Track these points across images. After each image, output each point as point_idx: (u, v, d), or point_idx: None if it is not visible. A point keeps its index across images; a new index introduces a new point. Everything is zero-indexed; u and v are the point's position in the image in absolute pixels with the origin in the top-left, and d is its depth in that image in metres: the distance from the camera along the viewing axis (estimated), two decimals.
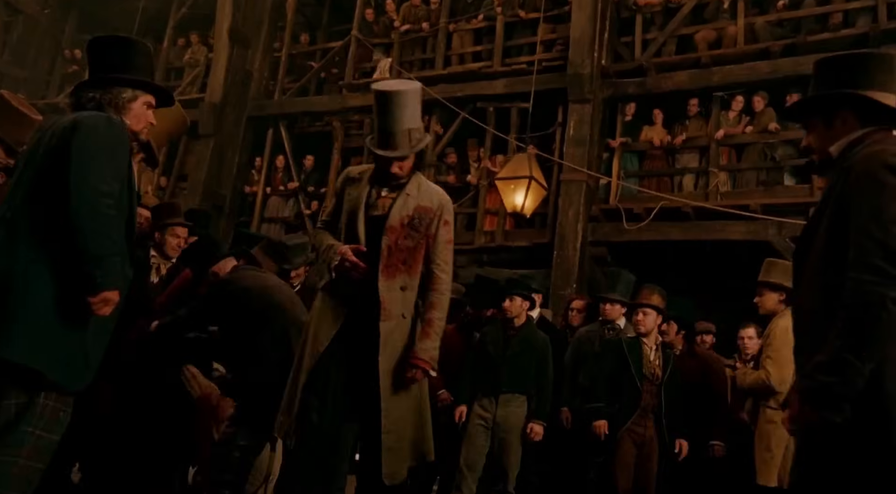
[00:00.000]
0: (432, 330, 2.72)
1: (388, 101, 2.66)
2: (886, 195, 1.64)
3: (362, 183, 2.79)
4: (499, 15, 8.32)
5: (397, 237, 2.68)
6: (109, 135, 2.13)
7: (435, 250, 2.76)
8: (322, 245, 2.80)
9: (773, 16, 7.22)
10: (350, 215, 2.76)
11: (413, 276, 2.73)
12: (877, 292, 1.58)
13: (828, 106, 1.90)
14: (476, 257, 7.90)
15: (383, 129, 2.67)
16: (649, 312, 4.25)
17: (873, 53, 1.98)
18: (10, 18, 11.35)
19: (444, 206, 2.80)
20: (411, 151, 2.69)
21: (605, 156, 7.66)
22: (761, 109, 7.05)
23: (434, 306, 2.75)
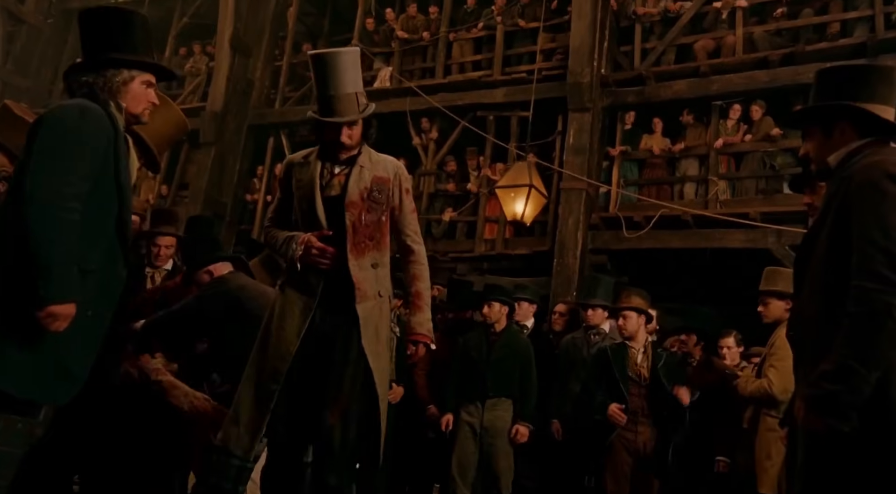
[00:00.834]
0: (422, 302, 2.65)
1: (327, 64, 2.52)
2: (888, 204, 1.67)
3: (311, 165, 2.63)
4: (499, 24, 8.36)
5: (360, 212, 2.55)
6: (78, 127, 1.94)
7: (402, 221, 2.67)
8: (278, 240, 2.62)
9: (771, 25, 7.26)
10: (305, 200, 2.59)
11: (383, 251, 2.62)
12: (882, 299, 1.60)
13: (827, 116, 1.92)
14: (476, 265, 7.91)
15: (326, 95, 2.52)
16: (630, 315, 4.24)
17: (874, 66, 2.01)
18: (13, 29, 11.41)
19: (400, 174, 2.68)
20: (360, 115, 2.55)
21: (605, 164, 7.67)
22: (759, 118, 7.07)
23: (418, 277, 2.67)
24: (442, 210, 8.21)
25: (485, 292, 4.82)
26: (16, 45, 11.39)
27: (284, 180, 2.70)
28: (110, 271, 2.05)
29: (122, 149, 2.07)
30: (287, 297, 2.57)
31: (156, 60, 2.25)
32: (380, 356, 2.54)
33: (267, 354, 2.51)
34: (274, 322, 2.55)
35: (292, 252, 2.52)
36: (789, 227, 6.22)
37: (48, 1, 11.83)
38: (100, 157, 1.97)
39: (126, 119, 2.15)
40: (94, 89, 2.05)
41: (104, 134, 1.99)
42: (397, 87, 8.62)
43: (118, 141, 2.05)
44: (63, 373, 1.95)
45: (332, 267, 2.51)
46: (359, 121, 2.56)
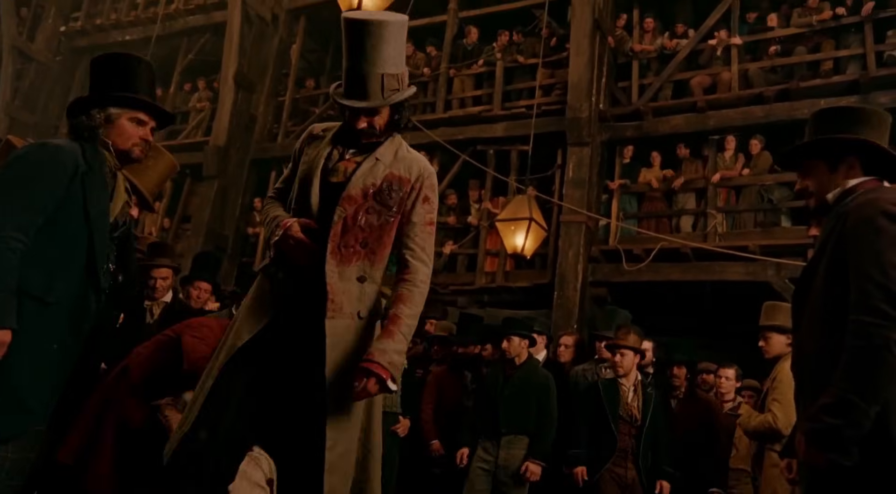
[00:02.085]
0: (397, 329, 2.05)
1: (360, 33, 2.02)
2: (885, 240, 1.69)
3: (324, 142, 2.20)
4: (498, 60, 8.52)
5: (357, 210, 2.08)
6: (34, 162, 2.01)
7: (410, 232, 2.16)
8: (267, 217, 2.22)
9: (765, 62, 7.39)
10: (304, 180, 2.16)
11: (376, 265, 2.13)
12: (880, 334, 1.61)
13: (836, 151, 1.95)
14: (477, 298, 7.92)
15: (352, 71, 2.06)
16: (627, 353, 4.26)
17: (872, 110, 2.05)
18: (22, 66, 11.63)
19: (424, 178, 2.18)
20: (384, 102, 2.07)
21: (605, 197, 7.74)
22: (758, 152, 7.16)
23: (403, 300, 2.10)
24: (443, 243, 8.25)
25: (504, 326, 4.73)
26: (24, 82, 11.60)
27: (298, 151, 2.29)
28: (78, 303, 2.05)
29: (97, 184, 2.11)
30: (255, 287, 2.18)
31: (152, 101, 2.26)
32: (340, 393, 2.00)
33: (221, 348, 2.12)
34: (240, 313, 2.17)
35: (271, 235, 2.13)
36: (788, 260, 6.24)
37: (57, 39, 12.07)
38: (58, 191, 2.02)
39: (116, 155, 2.20)
40: (81, 128, 2.14)
41: (66, 169, 2.03)
42: None
43: (90, 176, 2.08)
44: (15, 405, 1.91)
45: (308, 266, 2.06)
46: (384, 108, 2.11)
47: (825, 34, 7.19)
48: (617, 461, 4.09)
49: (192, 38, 11.04)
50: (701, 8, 8.01)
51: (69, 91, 11.94)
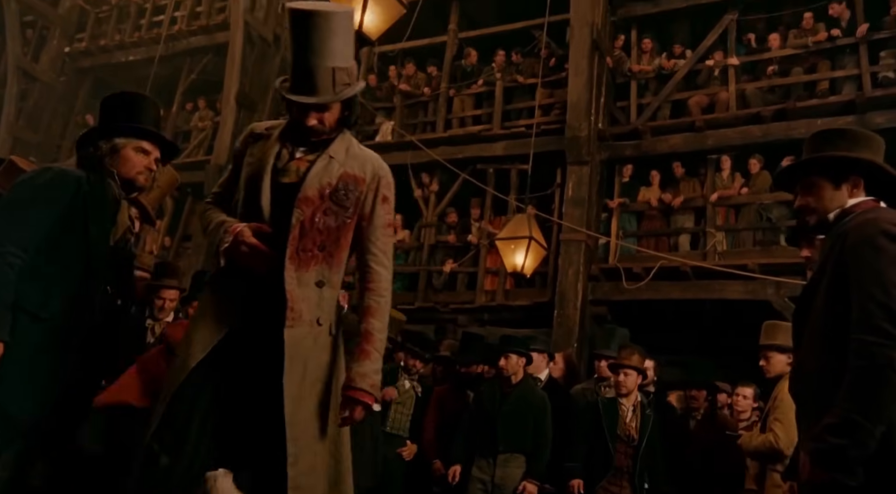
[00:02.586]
0: (372, 347, 1.99)
1: (307, 24, 1.93)
2: (885, 260, 1.71)
3: (270, 140, 2.07)
4: (498, 80, 8.60)
5: (314, 212, 1.97)
6: (37, 185, 2.11)
7: (371, 235, 2.06)
8: (210, 223, 2.08)
9: (763, 82, 7.46)
10: (251, 181, 2.02)
11: (335, 269, 2.03)
12: (884, 353, 1.61)
13: (841, 169, 1.97)
14: (477, 317, 7.92)
15: (299, 65, 1.97)
16: (630, 373, 4.26)
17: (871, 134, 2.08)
18: (26, 86, 11.74)
19: (381, 177, 2.09)
20: (336, 97, 1.98)
21: (604, 216, 7.77)
22: (757, 172, 7.20)
23: (372, 312, 2.03)
24: (443, 262, 8.26)
25: (501, 343, 4.74)
26: (28, 102, 11.70)
27: (239, 152, 2.13)
28: (72, 320, 2.10)
29: (99, 207, 2.19)
30: (206, 300, 2.04)
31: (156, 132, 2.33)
32: (302, 403, 1.91)
33: (173, 368, 1.99)
34: (187, 331, 2.04)
35: (219, 242, 1.98)
36: (788, 278, 6.25)
37: (62, 59, 12.19)
38: (59, 211, 2.10)
39: (122, 184, 2.29)
40: (90, 160, 2.23)
41: (68, 191, 2.12)
42: (399, 140, 8.80)
43: (92, 200, 2.17)
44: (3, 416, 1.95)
45: (263, 273, 1.95)
46: (335, 105, 2.02)
47: (821, 55, 7.27)
48: (612, 480, 4.08)
49: (194, 58, 11.15)
50: (698, 29, 8.11)
51: (72, 110, 12.05)
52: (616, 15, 8.42)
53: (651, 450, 4.16)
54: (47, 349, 2.05)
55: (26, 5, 11.98)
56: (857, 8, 7.09)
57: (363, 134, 9.31)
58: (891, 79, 6.69)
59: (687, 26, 8.42)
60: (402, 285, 8.57)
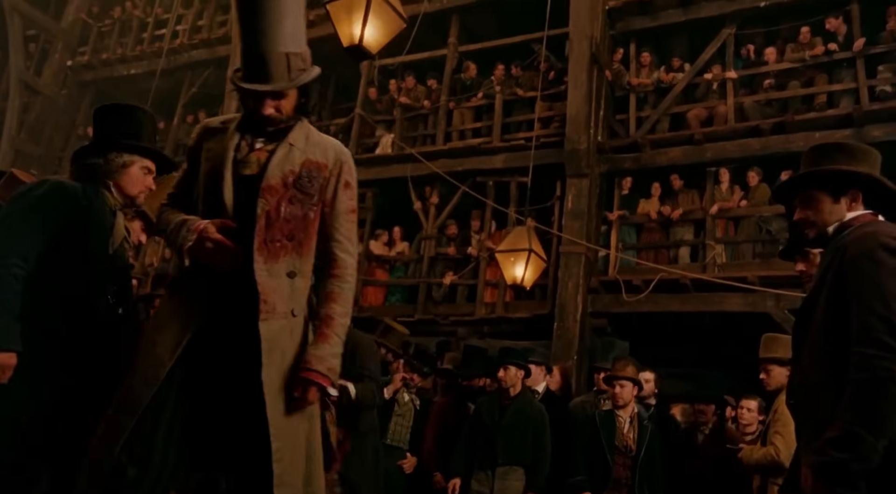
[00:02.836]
0: (331, 331, 1.95)
1: (254, 7, 1.87)
2: (885, 273, 1.71)
3: (227, 134, 2.01)
4: (497, 93, 8.65)
5: (279, 201, 1.93)
6: (37, 196, 2.13)
7: (334, 221, 2.03)
8: (170, 224, 2.00)
9: (760, 96, 7.50)
10: (211, 176, 1.96)
11: (305, 258, 1.99)
12: (885, 366, 1.62)
13: (841, 182, 1.98)
14: (477, 329, 7.91)
15: (250, 52, 1.91)
16: (626, 384, 4.28)
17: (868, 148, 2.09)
18: (28, 99, 11.81)
19: (343, 162, 2.06)
20: (291, 83, 1.93)
21: (604, 228, 7.79)
22: (756, 184, 7.22)
23: (334, 297, 1.99)
24: (442, 274, 8.27)
25: (500, 355, 4.76)
26: (30, 115, 11.76)
27: (193, 149, 2.07)
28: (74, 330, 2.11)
29: (97, 219, 2.22)
30: (169, 302, 1.96)
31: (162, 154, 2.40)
32: (282, 397, 1.87)
33: (134, 376, 1.87)
34: (147, 335, 1.94)
35: (182, 241, 1.91)
36: (787, 291, 6.25)
37: (64, 73, 12.26)
38: (59, 223, 2.13)
39: (122, 200, 2.33)
40: (94, 170, 2.25)
41: (67, 207, 2.14)
42: (399, 153, 8.84)
43: (91, 212, 2.20)
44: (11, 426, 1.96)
45: (231, 269, 1.90)
46: (291, 92, 1.97)
47: (818, 69, 7.31)
48: (612, 492, 4.09)
49: (195, 71, 11.22)
50: (696, 43, 8.16)
51: (74, 123, 12.12)
52: (615, 29, 8.48)
53: (650, 462, 4.16)
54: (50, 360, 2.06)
55: (30, 19, 12.08)
56: (854, 23, 7.14)
57: (363, 147, 9.36)
58: (888, 92, 6.74)
59: (685, 40, 8.48)
60: (401, 297, 8.57)
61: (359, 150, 9.29)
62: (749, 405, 4.77)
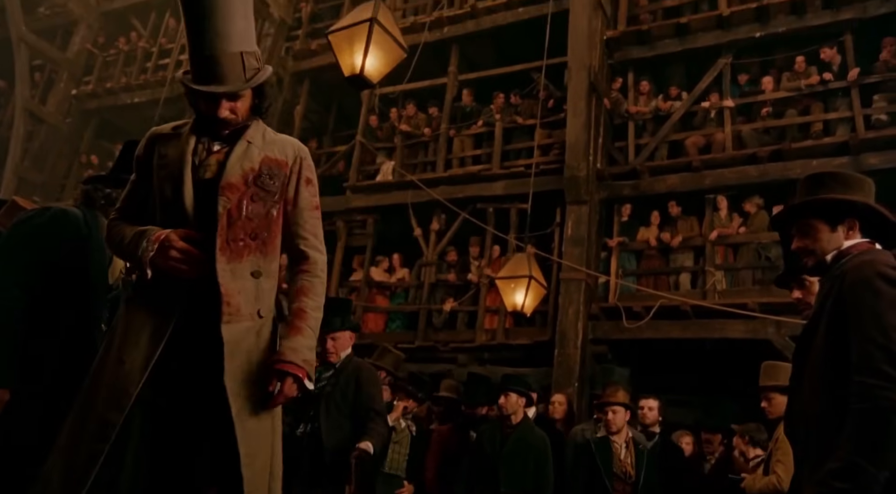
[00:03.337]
0: (304, 324, 1.90)
1: (203, 4, 1.80)
2: (884, 303, 1.72)
3: (182, 138, 1.93)
4: (497, 121, 8.74)
5: (240, 199, 1.87)
6: (37, 225, 2.13)
7: (298, 219, 1.99)
8: (125, 237, 1.89)
9: (758, 124, 7.58)
10: (169, 182, 1.88)
11: (269, 257, 1.94)
12: (885, 396, 1.61)
13: (839, 211, 1.99)
14: (477, 356, 7.88)
15: (201, 52, 1.82)
16: (618, 409, 4.26)
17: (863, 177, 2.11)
18: (33, 128, 11.92)
19: (302, 158, 2.02)
20: (248, 84, 1.87)
21: (604, 255, 7.80)
22: (755, 212, 7.25)
23: (305, 291, 1.95)
24: (443, 300, 8.27)
25: (502, 382, 4.74)
26: (34, 143, 11.86)
27: (144, 160, 1.97)
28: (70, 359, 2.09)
29: (97, 248, 2.21)
30: (131, 318, 1.84)
31: None
32: (248, 402, 1.79)
33: (96, 399, 1.75)
34: (111, 353, 1.81)
35: (142, 252, 1.82)
36: (788, 318, 6.24)
37: (69, 102, 12.41)
38: (59, 253, 2.12)
39: None
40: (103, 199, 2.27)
41: (68, 236, 2.15)
42: (399, 180, 8.90)
43: (91, 241, 2.20)
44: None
45: (197, 277, 1.82)
46: (246, 92, 1.91)
47: (814, 98, 7.40)
48: None
49: None
50: (693, 72, 8.27)
51: (77, 151, 12.22)
52: (613, 58, 8.60)
53: (650, 487, 4.12)
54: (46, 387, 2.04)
55: (37, 50, 12.26)
56: (848, 53, 7.25)
57: (364, 174, 9.43)
58: (884, 121, 6.80)
59: (682, 69, 8.59)
60: (402, 323, 8.56)
61: (360, 177, 9.36)
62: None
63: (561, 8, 8.05)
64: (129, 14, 12.92)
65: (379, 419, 3.61)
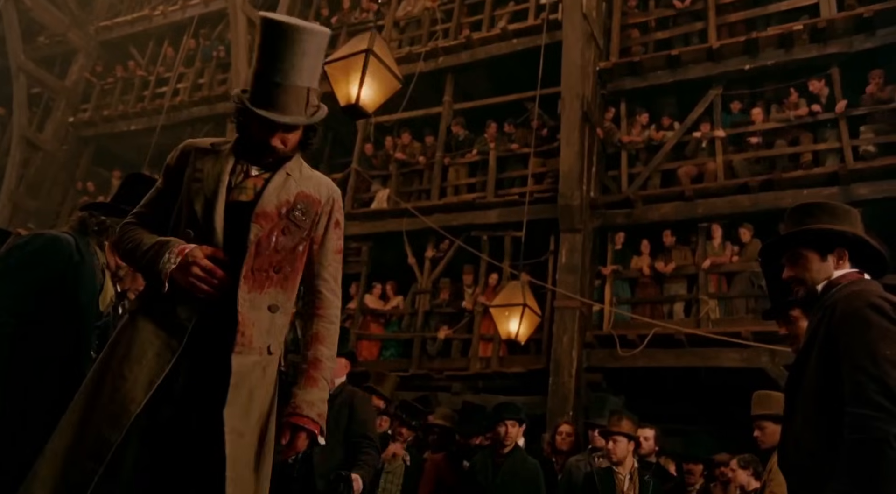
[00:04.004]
0: (319, 374, 1.86)
1: (286, 38, 1.79)
2: (874, 333, 1.74)
3: (221, 156, 1.90)
4: (492, 150, 8.82)
5: (272, 229, 1.84)
6: (30, 252, 2.14)
7: (322, 259, 1.95)
8: (141, 244, 1.84)
9: (749, 154, 7.67)
10: (201, 198, 1.84)
11: (288, 293, 1.90)
12: (879, 427, 1.62)
13: (828, 242, 2.02)
14: (471, 384, 7.83)
15: (270, 79, 1.80)
16: (620, 439, 4.20)
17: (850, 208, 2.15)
18: (29, 155, 11.96)
19: (335, 200, 1.99)
20: (309, 119, 1.86)
21: (598, 283, 7.82)
22: (748, 240, 7.30)
23: (321, 339, 1.91)
24: (437, 328, 8.24)
25: (498, 410, 4.71)
26: (30, 170, 11.89)
27: (175, 169, 1.94)
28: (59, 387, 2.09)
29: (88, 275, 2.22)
30: (139, 331, 1.77)
31: None
32: (243, 440, 1.72)
33: (93, 414, 1.68)
34: (113, 366, 1.73)
35: (163, 264, 1.76)
36: (782, 347, 6.24)
37: (65, 129, 12.47)
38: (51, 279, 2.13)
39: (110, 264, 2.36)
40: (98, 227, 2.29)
41: (60, 263, 2.15)
42: (394, 208, 8.94)
43: (83, 268, 2.20)
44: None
45: (215, 298, 1.78)
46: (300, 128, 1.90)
47: (803, 128, 7.51)
48: None
49: (195, 127, 11.40)
50: (684, 102, 8.39)
51: (73, 178, 12.24)
52: (605, 89, 8.73)
53: None
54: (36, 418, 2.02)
55: (35, 78, 12.35)
56: (836, 85, 7.38)
57: (359, 201, 9.46)
58: (872, 152, 6.90)
59: (674, 100, 8.72)
60: (396, 351, 8.52)
61: (355, 204, 9.40)
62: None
63: (554, 39, 8.18)
64: (127, 43, 13.07)
65: (371, 447, 3.58)
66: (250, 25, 10.42)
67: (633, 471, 4.23)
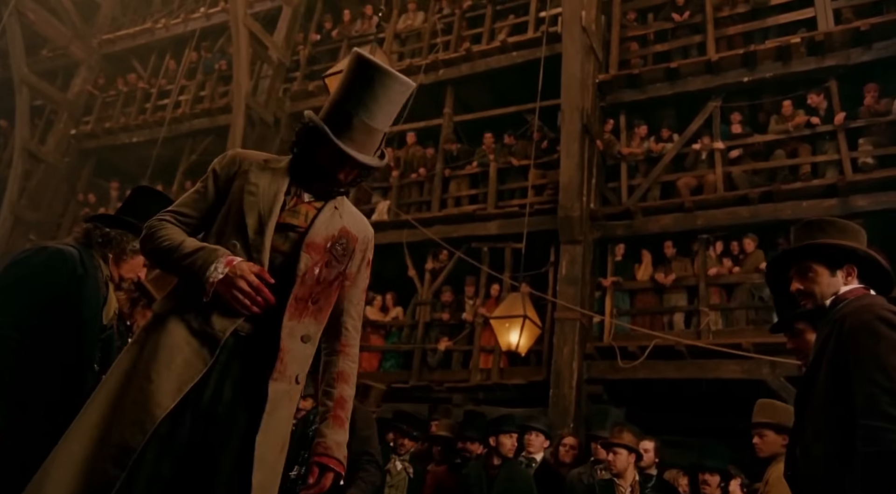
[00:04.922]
0: (345, 414, 1.89)
1: (382, 82, 1.81)
2: (885, 345, 1.75)
3: (277, 175, 1.89)
4: (492, 162, 8.85)
5: (319, 261, 1.84)
6: (34, 264, 2.15)
7: (354, 297, 1.99)
8: (182, 247, 1.78)
9: (748, 166, 7.70)
10: (254, 212, 1.82)
11: (319, 325, 1.90)
12: (892, 439, 1.62)
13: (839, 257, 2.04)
14: (472, 396, 7.82)
15: (356, 115, 1.80)
16: (620, 451, 4.18)
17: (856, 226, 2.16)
18: (31, 167, 12.01)
19: (370, 240, 2.04)
20: (379, 162, 1.90)
21: (598, 294, 7.82)
22: (751, 251, 7.30)
23: (346, 378, 1.94)
24: (437, 340, 8.23)
25: (496, 422, 4.71)
26: (32, 182, 11.93)
27: (224, 177, 1.90)
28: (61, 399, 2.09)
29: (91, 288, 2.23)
30: (169, 334, 1.72)
31: None
32: (269, 468, 1.72)
33: (115, 415, 1.64)
34: (139, 367, 1.69)
35: (210, 272, 1.71)
36: (783, 358, 6.23)
37: (67, 141, 12.52)
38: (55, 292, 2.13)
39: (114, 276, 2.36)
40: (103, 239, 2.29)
41: (64, 276, 2.15)
42: (395, 219, 8.95)
43: (86, 281, 2.21)
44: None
45: (255, 318, 1.76)
46: None
47: (802, 140, 7.54)
48: None
49: (196, 139, 11.47)
50: (684, 114, 8.43)
51: (74, 190, 12.28)
52: (605, 101, 8.77)
53: None
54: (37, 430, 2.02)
55: (37, 90, 12.43)
56: (834, 98, 7.42)
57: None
58: (870, 164, 6.93)
59: (673, 112, 8.75)
60: (396, 363, 8.50)
61: None
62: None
63: (554, 52, 8.23)
64: (129, 56, 13.16)
65: (371, 463, 3.57)
66: (252, 38, 10.49)
67: (635, 483, 4.21)
